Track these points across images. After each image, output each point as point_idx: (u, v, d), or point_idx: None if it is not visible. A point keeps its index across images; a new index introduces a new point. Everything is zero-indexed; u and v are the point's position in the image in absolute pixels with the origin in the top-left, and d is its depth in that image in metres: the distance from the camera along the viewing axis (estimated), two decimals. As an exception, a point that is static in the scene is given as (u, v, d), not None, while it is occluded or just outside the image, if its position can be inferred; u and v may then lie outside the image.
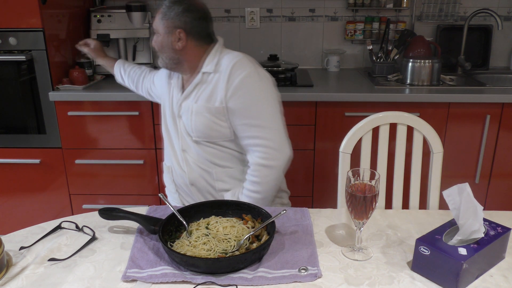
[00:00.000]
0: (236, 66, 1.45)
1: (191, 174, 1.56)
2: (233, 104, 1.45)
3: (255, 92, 1.45)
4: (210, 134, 1.50)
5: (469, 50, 2.66)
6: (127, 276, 0.99)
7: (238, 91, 1.43)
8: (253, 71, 1.45)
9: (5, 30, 2.17)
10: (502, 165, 2.29)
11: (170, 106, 1.59)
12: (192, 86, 1.52)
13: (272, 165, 1.45)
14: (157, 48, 1.54)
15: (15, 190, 2.43)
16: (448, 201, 1.05)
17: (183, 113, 1.55)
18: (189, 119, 1.51)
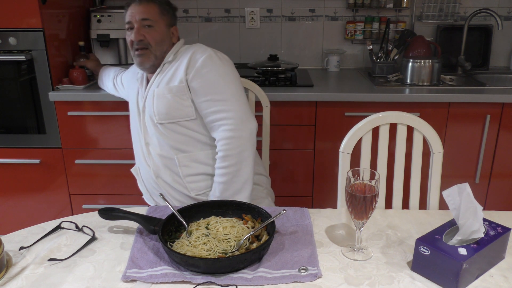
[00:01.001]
0: (196, 50, 1.55)
1: (155, 167, 1.59)
2: (196, 83, 1.51)
3: (217, 70, 1.52)
4: (173, 114, 1.54)
5: (469, 50, 2.66)
6: (127, 276, 0.99)
7: (200, 70, 1.51)
8: (213, 53, 1.55)
9: (5, 30, 2.17)
10: (502, 165, 2.29)
11: (136, 104, 1.63)
12: (153, 78, 1.59)
13: (238, 135, 1.47)
14: (155, 41, 1.55)
15: (15, 190, 2.43)
16: (448, 201, 1.05)
17: (146, 103, 1.59)
18: (152, 104, 1.56)
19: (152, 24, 1.54)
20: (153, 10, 1.54)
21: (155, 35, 1.54)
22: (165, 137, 1.56)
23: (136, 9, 1.54)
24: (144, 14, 1.53)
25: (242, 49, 2.79)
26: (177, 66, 1.56)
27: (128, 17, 1.55)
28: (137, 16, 1.53)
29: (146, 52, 1.55)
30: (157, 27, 1.55)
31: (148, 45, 1.54)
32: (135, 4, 1.55)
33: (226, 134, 1.48)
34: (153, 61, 1.57)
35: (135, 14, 1.53)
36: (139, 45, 1.54)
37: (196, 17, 2.75)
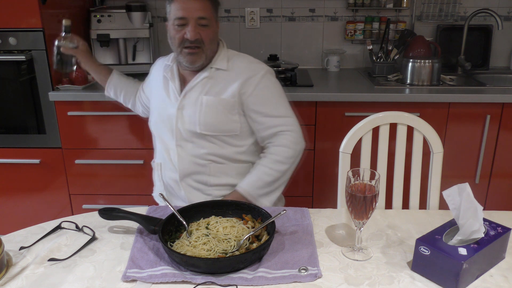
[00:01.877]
0: (254, 65, 1.55)
1: (183, 170, 1.55)
2: (255, 99, 1.51)
3: (275, 88, 1.55)
4: (219, 127, 1.51)
5: (469, 50, 2.66)
6: (127, 276, 0.99)
7: (261, 87, 1.51)
8: (269, 70, 1.56)
9: (5, 30, 2.17)
10: (502, 165, 2.29)
11: (165, 100, 1.56)
12: (198, 79, 1.51)
13: (294, 148, 1.53)
14: (209, 40, 1.48)
15: (15, 190, 2.43)
16: (448, 201, 1.05)
17: (185, 105, 1.52)
18: (197, 111, 1.50)
19: (207, 23, 1.46)
20: (208, 7, 1.46)
21: (209, 34, 1.47)
22: (202, 146, 1.52)
23: (192, 4, 1.43)
24: (201, 12, 1.44)
25: (242, 49, 2.79)
26: (230, 78, 1.51)
27: (181, 12, 1.44)
28: (194, 13, 1.43)
29: (198, 51, 1.47)
30: (211, 26, 1.47)
31: (201, 44, 1.46)
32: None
33: (288, 143, 1.52)
34: (204, 60, 1.49)
35: (191, 10, 1.43)
36: (194, 44, 1.45)
37: (196, 17, 2.75)
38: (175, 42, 1.48)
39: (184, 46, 1.46)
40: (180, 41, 1.46)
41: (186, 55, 1.47)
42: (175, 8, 1.45)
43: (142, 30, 2.52)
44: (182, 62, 1.51)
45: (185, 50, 1.47)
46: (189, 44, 1.45)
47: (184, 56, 1.48)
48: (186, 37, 1.44)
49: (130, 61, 2.61)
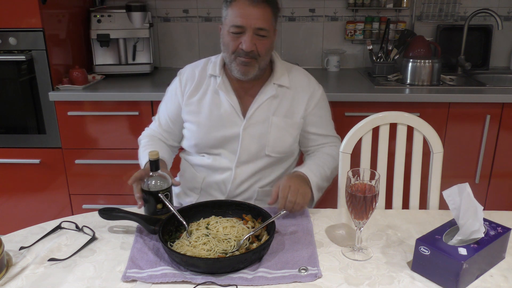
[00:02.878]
0: (312, 82, 1.51)
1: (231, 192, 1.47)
2: (315, 117, 1.49)
3: (328, 106, 1.55)
4: (286, 149, 1.47)
5: (469, 50, 2.66)
6: (127, 277, 0.99)
7: (318, 105, 1.49)
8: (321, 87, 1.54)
9: (5, 30, 2.17)
10: (502, 165, 2.29)
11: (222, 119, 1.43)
12: (264, 97, 1.43)
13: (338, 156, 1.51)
14: (265, 51, 1.37)
15: (15, 190, 2.43)
16: (448, 201, 1.05)
17: (252, 125, 1.43)
18: (266, 132, 1.43)
19: (266, 35, 1.35)
20: (268, 17, 1.35)
21: (266, 45, 1.37)
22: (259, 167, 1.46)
23: (252, 12, 1.32)
24: (260, 22, 1.32)
25: (242, 49, 2.79)
26: (294, 97, 1.46)
27: (239, 20, 1.32)
28: (253, 22, 1.32)
29: (252, 62, 1.36)
30: (269, 36, 1.37)
31: (257, 55, 1.36)
32: (249, 5, 1.32)
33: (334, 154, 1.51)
34: (257, 71, 1.39)
35: (250, 19, 1.32)
36: (249, 55, 1.35)
37: (196, 17, 2.75)
38: (228, 49, 1.38)
39: (238, 55, 1.36)
40: (234, 49, 1.36)
41: (239, 64, 1.37)
42: (233, 14, 1.34)
43: (142, 30, 2.52)
44: (233, 71, 1.40)
45: (239, 58, 1.36)
46: (243, 55, 1.35)
47: (237, 65, 1.38)
48: (241, 48, 1.34)
49: (130, 61, 2.61)
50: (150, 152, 1.18)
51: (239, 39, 1.34)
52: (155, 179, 1.20)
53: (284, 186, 1.26)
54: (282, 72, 1.47)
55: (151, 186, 1.19)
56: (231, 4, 1.35)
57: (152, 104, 2.22)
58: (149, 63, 2.62)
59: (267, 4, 1.34)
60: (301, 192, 1.26)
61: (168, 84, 1.56)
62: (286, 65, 1.51)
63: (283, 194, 1.25)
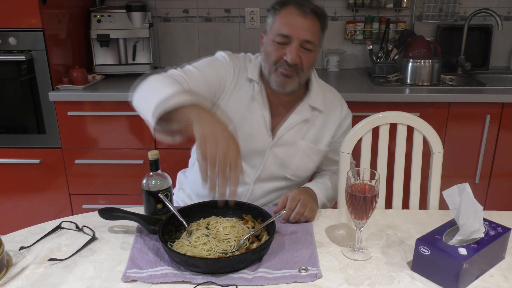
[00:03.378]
0: (345, 108, 1.47)
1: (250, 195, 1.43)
2: (338, 145, 1.44)
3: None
4: (307, 174, 1.45)
5: (469, 50, 2.66)
6: (127, 277, 0.99)
7: (345, 132, 1.45)
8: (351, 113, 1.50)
9: (5, 30, 2.17)
10: (502, 165, 2.29)
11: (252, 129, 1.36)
12: (296, 119, 1.38)
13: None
14: (308, 66, 1.31)
15: (15, 190, 2.43)
16: (448, 201, 1.05)
17: (280, 145, 1.38)
18: (292, 155, 1.39)
19: (312, 48, 1.28)
20: (316, 29, 1.28)
21: (310, 59, 1.30)
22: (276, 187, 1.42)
23: (301, 23, 1.25)
24: (309, 35, 1.26)
25: (242, 49, 2.79)
26: (325, 123, 1.41)
27: (287, 29, 1.25)
28: (301, 34, 1.25)
29: (293, 75, 1.29)
30: (315, 51, 1.30)
31: (300, 69, 1.29)
32: (299, 15, 1.25)
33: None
34: (296, 86, 1.32)
35: (298, 29, 1.25)
36: (291, 67, 1.28)
37: (196, 17, 2.75)
38: (270, 59, 1.30)
39: (280, 65, 1.29)
40: (277, 59, 1.29)
41: (279, 75, 1.29)
42: (280, 22, 1.27)
43: (142, 30, 2.52)
44: (271, 82, 1.32)
45: (280, 69, 1.29)
46: (286, 67, 1.28)
47: (277, 76, 1.30)
48: (285, 59, 1.27)
49: (130, 61, 2.61)
50: (150, 152, 1.18)
51: (283, 50, 1.27)
52: (155, 179, 1.20)
53: (293, 197, 1.24)
54: (317, 93, 1.41)
55: (151, 186, 1.19)
56: (279, 12, 1.28)
57: (152, 104, 2.22)
58: (149, 63, 2.62)
59: (317, 17, 1.28)
60: (310, 207, 1.24)
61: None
62: (321, 85, 1.45)
63: (291, 205, 1.23)
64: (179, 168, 1.63)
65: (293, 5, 1.27)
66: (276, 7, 1.30)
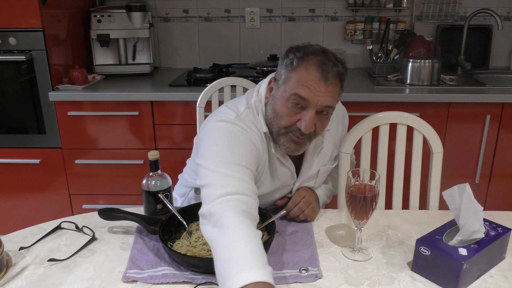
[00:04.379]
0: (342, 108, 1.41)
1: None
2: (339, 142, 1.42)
3: None
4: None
5: (469, 50, 2.66)
6: (127, 277, 0.99)
7: (344, 130, 1.44)
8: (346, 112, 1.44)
9: (5, 30, 2.17)
10: (502, 165, 2.29)
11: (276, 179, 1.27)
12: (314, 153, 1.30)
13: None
14: (321, 131, 1.18)
15: (15, 190, 2.43)
16: (448, 201, 1.05)
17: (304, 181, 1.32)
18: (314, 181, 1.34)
19: (330, 112, 1.15)
20: (336, 94, 1.13)
21: (325, 124, 1.17)
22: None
23: (322, 89, 1.09)
24: (330, 101, 1.11)
25: (242, 49, 2.79)
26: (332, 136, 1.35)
27: (306, 92, 1.08)
28: (322, 100, 1.09)
29: (305, 141, 1.17)
30: (331, 113, 1.16)
31: (312, 135, 1.16)
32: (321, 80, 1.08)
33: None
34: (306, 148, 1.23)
35: (319, 94, 1.08)
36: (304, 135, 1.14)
37: (196, 17, 2.75)
38: (280, 122, 1.14)
39: (291, 132, 1.15)
40: (288, 125, 1.14)
41: (289, 141, 1.16)
42: (298, 81, 1.10)
43: (142, 30, 2.52)
44: (280, 145, 1.18)
45: (291, 135, 1.15)
46: (298, 134, 1.14)
47: (287, 141, 1.17)
48: (299, 127, 1.12)
49: (130, 61, 2.62)
50: (150, 153, 1.18)
51: (297, 115, 1.12)
52: (155, 179, 1.20)
53: (298, 193, 1.26)
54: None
55: (151, 186, 1.19)
56: (297, 68, 1.10)
57: (152, 104, 2.22)
58: (149, 63, 2.62)
59: (339, 80, 1.12)
60: (312, 206, 1.26)
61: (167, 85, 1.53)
62: None
63: (295, 200, 1.24)
64: (179, 168, 1.63)
65: (314, 65, 1.09)
66: (294, 60, 1.11)
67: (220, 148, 1.09)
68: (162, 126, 2.27)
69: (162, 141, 2.30)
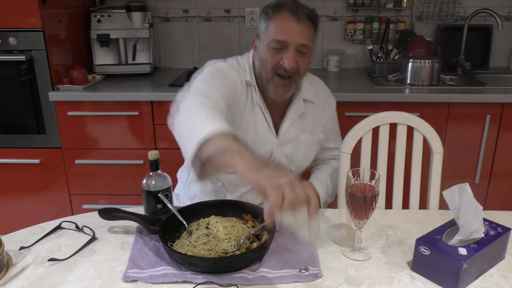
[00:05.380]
0: (329, 93, 1.52)
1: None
2: (328, 130, 1.50)
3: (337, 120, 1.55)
4: (307, 165, 1.49)
5: (469, 50, 2.66)
6: (127, 277, 0.99)
7: (333, 117, 1.51)
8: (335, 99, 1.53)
9: (5, 30, 2.17)
10: (502, 165, 2.29)
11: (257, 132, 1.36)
12: (295, 115, 1.40)
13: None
14: (304, 70, 1.30)
15: (15, 190, 2.43)
16: (448, 201, 1.05)
17: (285, 142, 1.40)
18: (295, 150, 1.42)
19: (307, 51, 1.28)
20: (311, 33, 1.28)
21: (306, 63, 1.30)
22: None
23: (296, 28, 1.24)
24: (305, 39, 1.25)
25: (242, 49, 2.79)
26: (317, 112, 1.46)
27: (283, 35, 1.24)
28: (297, 38, 1.24)
29: (291, 84, 1.30)
30: (309, 54, 1.30)
31: (296, 74, 1.29)
32: (294, 21, 1.24)
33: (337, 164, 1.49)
34: (293, 92, 1.35)
35: (294, 34, 1.24)
36: (288, 73, 1.27)
37: (196, 17, 2.75)
38: (267, 66, 1.29)
39: (276, 73, 1.29)
40: (273, 66, 1.28)
41: (277, 85, 1.29)
42: (276, 28, 1.26)
43: (142, 30, 2.53)
44: (269, 91, 1.32)
45: (278, 78, 1.29)
46: (283, 72, 1.28)
47: (275, 86, 1.30)
48: (282, 64, 1.26)
49: (130, 61, 2.62)
50: (150, 152, 1.18)
51: (280, 55, 1.27)
52: (155, 179, 1.20)
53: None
54: (306, 85, 1.43)
55: (151, 186, 1.19)
56: (272, 17, 1.27)
57: (152, 104, 2.22)
58: (149, 63, 2.62)
59: (310, 21, 1.27)
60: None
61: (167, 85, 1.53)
62: (307, 76, 1.45)
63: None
64: (179, 168, 1.63)
65: (286, 10, 1.25)
66: (269, 12, 1.28)
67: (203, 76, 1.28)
68: (162, 126, 2.27)
69: (162, 141, 2.30)
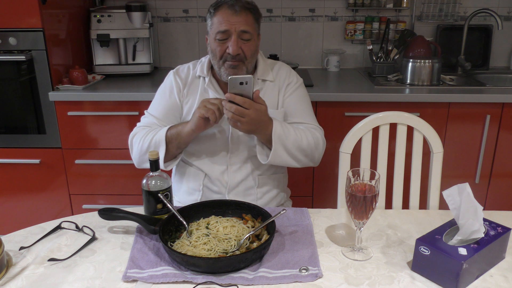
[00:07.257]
0: (293, 74, 1.59)
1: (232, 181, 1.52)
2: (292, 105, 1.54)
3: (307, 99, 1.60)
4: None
5: (469, 50, 2.66)
6: (127, 277, 0.99)
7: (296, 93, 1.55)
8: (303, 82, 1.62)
9: (5, 30, 2.17)
10: (502, 165, 2.29)
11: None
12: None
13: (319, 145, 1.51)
14: (250, 54, 1.45)
15: (15, 190, 2.43)
16: (448, 201, 1.05)
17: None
18: None
19: (249, 38, 1.43)
20: (250, 21, 1.43)
21: (251, 48, 1.44)
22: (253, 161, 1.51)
23: (235, 18, 1.41)
24: (244, 26, 1.41)
25: (242, 49, 2.79)
26: (276, 88, 1.54)
27: (224, 25, 1.41)
28: (237, 27, 1.41)
29: (240, 64, 1.44)
30: (253, 39, 1.45)
31: (243, 58, 1.44)
32: (232, 13, 1.42)
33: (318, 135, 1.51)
34: (244, 73, 1.45)
35: (234, 24, 1.41)
36: (236, 58, 1.43)
37: (196, 17, 2.75)
38: (216, 56, 1.46)
39: (225, 59, 1.44)
40: (221, 54, 1.44)
41: (227, 68, 1.45)
42: (217, 21, 1.43)
43: (142, 30, 2.52)
44: (222, 75, 1.48)
45: (227, 63, 1.44)
46: (230, 59, 1.43)
47: (226, 69, 1.45)
48: (228, 52, 1.42)
49: (130, 61, 2.62)
50: (150, 152, 1.18)
51: (225, 44, 1.43)
52: (155, 179, 1.20)
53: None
54: (265, 68, 1.55)
55: (151, 186, 1.19)
56: (215, 14, 1.45)
57: (152, 104, 2.22)
58: (149, 63, 2.62)
59: (248, 11, 1.43)
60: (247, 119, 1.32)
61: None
62: (270, 62, 1.60)
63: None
64: (179, 168, 1.63)
65: (225, 5, 1.43)
66: (211, 10, 1.47)
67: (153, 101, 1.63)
68: (162, 126, 2.27)
69: (162, 141, 2.30)
